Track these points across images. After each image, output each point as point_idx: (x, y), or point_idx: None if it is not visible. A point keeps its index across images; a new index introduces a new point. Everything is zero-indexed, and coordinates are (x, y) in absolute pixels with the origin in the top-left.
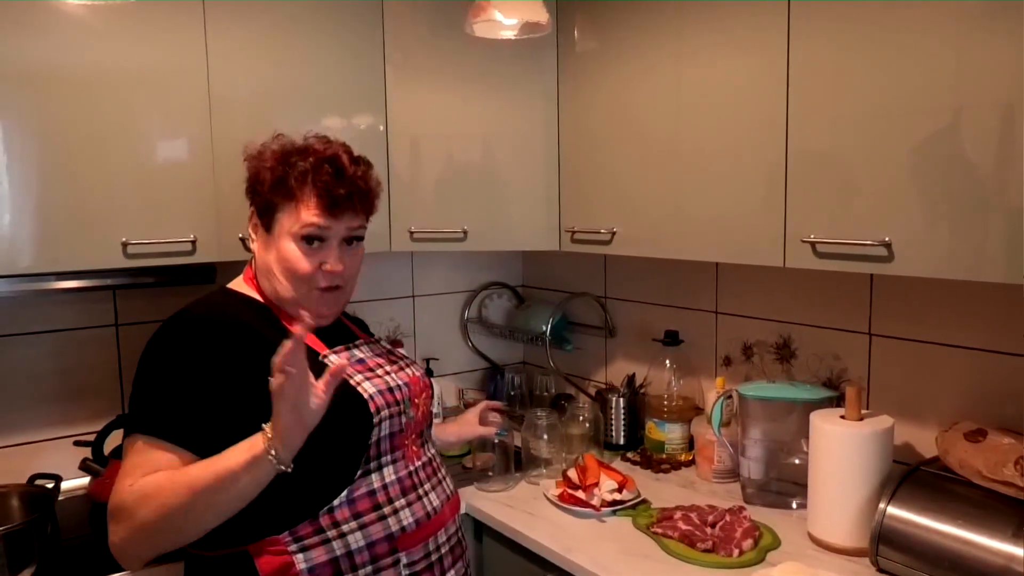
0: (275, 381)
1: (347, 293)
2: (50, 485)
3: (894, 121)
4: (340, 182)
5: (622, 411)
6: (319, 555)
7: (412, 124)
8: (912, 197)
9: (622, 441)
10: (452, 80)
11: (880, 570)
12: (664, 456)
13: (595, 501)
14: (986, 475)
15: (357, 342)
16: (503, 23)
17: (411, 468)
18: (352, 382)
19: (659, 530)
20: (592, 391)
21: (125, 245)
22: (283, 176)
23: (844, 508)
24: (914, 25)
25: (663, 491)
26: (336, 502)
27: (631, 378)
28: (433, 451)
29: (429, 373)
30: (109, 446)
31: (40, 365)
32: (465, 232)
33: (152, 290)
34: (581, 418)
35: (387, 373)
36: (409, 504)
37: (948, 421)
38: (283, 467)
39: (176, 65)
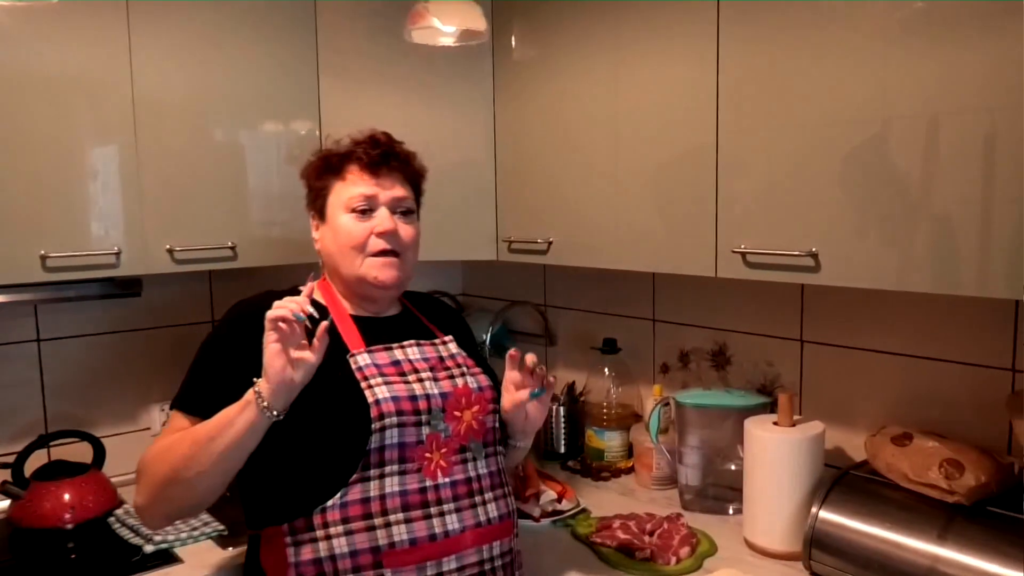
0: (267, 337)
1: (407, 264)
2: None
3: (819, 132)
4: (376, 148)
5: (562, 419)
6: (306, 552)
7: (346, 130)
8: (838, 208)
9: (563, 449)
10: (387, 87)
11: (813, 574)
12: (604, 464)
13: (535, 512)
14: (912, 478)
15: (406, 342)
16: (441, 30)
17: (427, 484)
18: (364, 384)
19: (598, 539)
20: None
21: (44, 258)
22: (326, 158)
23: (778, 513)
24: (840, 37)
25: (603, 499)
26: (329, 503)
27: (571, 386)
28: (487, 469)
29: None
30: (30, 468)
31: None
32: None
33: (76, 304)
34: None
35: (421, 380)
36: (408, 520)
37: (876, 425)
38: (273, 413)
39: (97, 70)
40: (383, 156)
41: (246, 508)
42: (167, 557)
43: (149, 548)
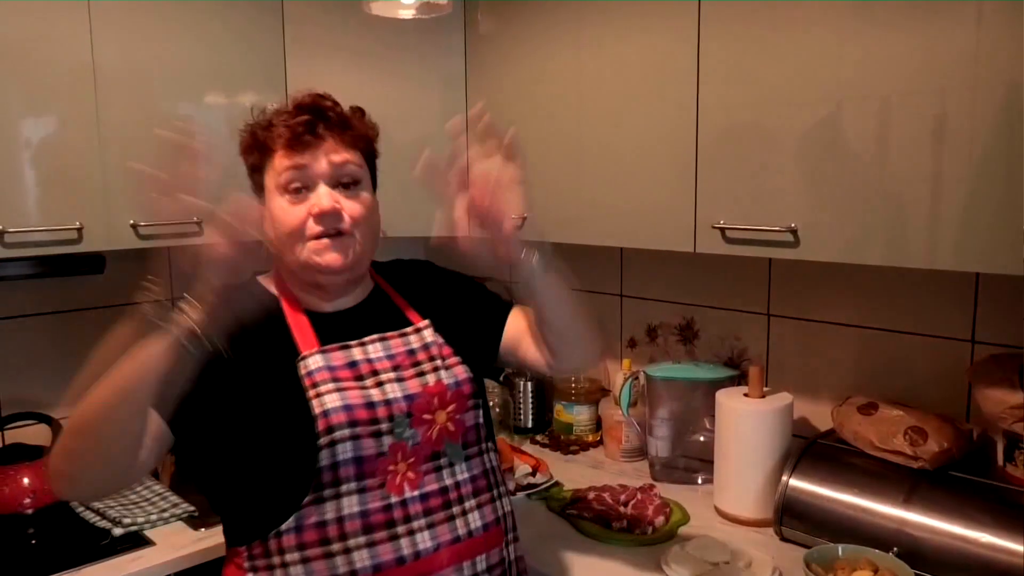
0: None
1: (356, 242)
2: None
3: (788, 110)
4: (301, 112)
5: (530, 394)
6: None
7: None
8: (811, 184)
9: (531, 424)
10: (358, 60)
11: (784, 539)
12: (572, 438)
13: (510, 485)
14: (878, 445)
15: (367, 338)
16: (400, 1)
17: (392, 500)
18: (312, 393)
19: (574, 511)
20: (500, 375)
21: (2, 233)
22: (253, 132)
23: (749, 482)
24: (804, 18)
25: (573, 472)
26: (284, 527)
27: None
28: (467, 474)
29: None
30: None
31: None
32: None
33: (34, 281)
34: (491, 403)
35: (381, 384)
36: (372, 544)
37: (842, 396)
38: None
39: (57, 35)
40: (308, 125)
41: (223, 524)
42: (137, 540)
43: (118, 531)
